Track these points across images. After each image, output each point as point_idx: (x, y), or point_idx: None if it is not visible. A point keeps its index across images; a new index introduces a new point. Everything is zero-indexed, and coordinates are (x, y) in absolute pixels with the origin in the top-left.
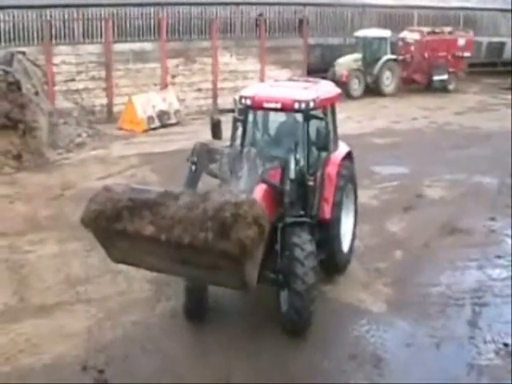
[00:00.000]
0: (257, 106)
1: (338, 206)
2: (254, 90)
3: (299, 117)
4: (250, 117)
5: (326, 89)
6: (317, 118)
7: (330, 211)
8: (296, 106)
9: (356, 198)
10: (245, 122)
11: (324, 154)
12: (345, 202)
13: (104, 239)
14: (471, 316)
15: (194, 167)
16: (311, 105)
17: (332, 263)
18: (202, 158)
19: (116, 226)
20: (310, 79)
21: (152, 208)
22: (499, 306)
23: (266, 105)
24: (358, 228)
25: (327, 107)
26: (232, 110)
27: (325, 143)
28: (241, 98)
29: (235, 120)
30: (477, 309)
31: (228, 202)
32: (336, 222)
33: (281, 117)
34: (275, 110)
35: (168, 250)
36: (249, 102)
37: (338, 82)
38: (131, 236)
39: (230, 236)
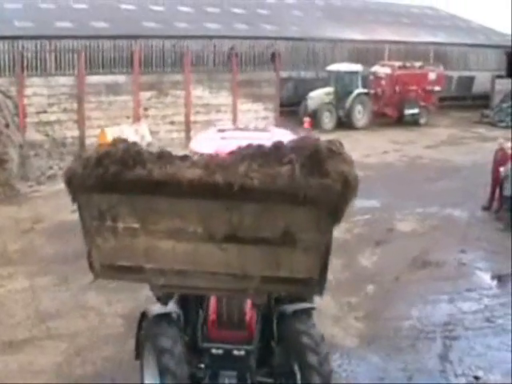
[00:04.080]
0: None
1: None
2: (204, 144)
3: None
4: None
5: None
6: None
7: None
8: None
9: None
10: None
11: None
12: None
13: (97, 207)
14: (442, 349)
15: None
16: None
17: None
18: None
19: (126, 173)
20: (260, 127)
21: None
22: (470, 339)
23: None
24: (330, 262)
25: None
26: None
27: None
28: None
29: None
30: (448, 342)
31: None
32: None
33: None
34: None
35: (216, 211)
36: None
37: (309, 116)
38: (150, 189)
39: (327, 170)
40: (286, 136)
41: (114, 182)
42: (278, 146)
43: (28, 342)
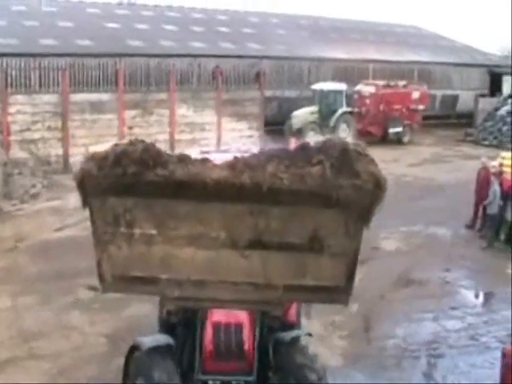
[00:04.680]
0: None
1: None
2: None
3: None
4: None
5: None
6: None
7: (296, 313)
8: None
9: None
10: None
11: None
12: None
13: (111, 211)
14: (427, 368)
15: None
16: None
17: None
18: None
19: (147, 173)
20: (244, 149)
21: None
22: (454, 357)
23: None
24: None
25: None
26: None
27: None
28: None
29: None
30: (432, 360)
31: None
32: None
33: None
34: None
35: (241, 215)
36: None
37: (294, 134)
38: (172, 191)
39: (357, 170)
40: None
41: (133, 183)
42: (304, 147)
43: (10, 362)
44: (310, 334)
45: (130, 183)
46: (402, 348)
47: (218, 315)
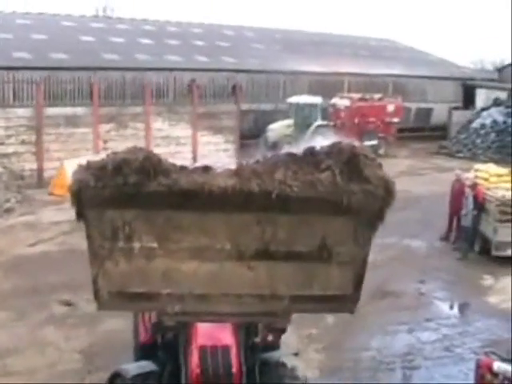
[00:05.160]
0: None
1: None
2: None
3: None
4: None
5: None
6: None
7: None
8: None
9: None
10: None
11: None
12: None
13: (109, 224)
14: (402, 380)
15: None
16: None
17: None
18: None
19: (149, 183)
20: (218, 165)
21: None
22: (429, 368)
23: None
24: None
25: None
26: None
27: None
28: None
29: None
30: (407, 372)
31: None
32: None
33: None
34: None
35: (247, 224)
36: None
37: (270, 147)
38: (176, 201)
39: (366, 175)
40: None
41: (135, 194)
42: (312, 152)
43: None
44: (296, 354)
45: (130, 194)
46: (377, 360)
47: (202, 338)
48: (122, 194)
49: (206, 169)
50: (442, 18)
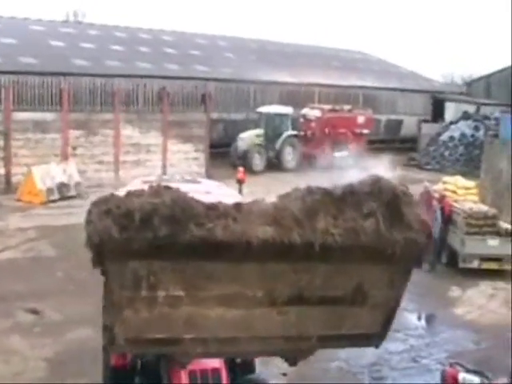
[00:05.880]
0: None
1: None
2: None
3: None
4: None
5: (225, 193)
6: None
7: None
8: None
9: None
10: None
11: None
12: None
13: (132, 275)
14: None
15: None
16: None
17: None
18: None
19: (182, 235)
20: (188, 178)
21: (239, 209)
22: (396, 379)
23: None
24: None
25: None
26: None
27: None
28: None
29: None
30: (374, 382)
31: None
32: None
33: None
34: None
35: (283, 273)
36: None
37: (240, 157)
38: (210, 253)
39: (409, 220)
40: (218, 188)
41: (164, 246)
42: (352, 191)
43: None
44: (284, 374)
45: (159, 246)
46: (344, 370)
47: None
48: (151, 247)
49: (238, 208)
50: (413, 31)
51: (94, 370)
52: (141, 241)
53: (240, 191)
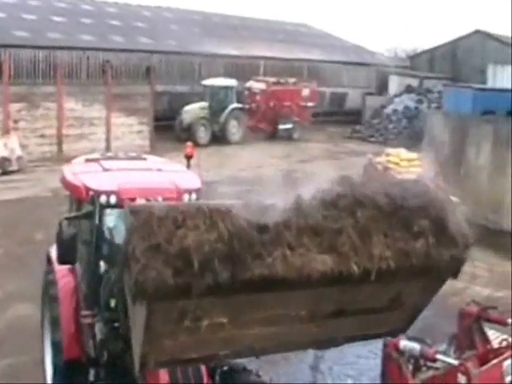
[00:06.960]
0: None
1: None
2: (92, 180)
3: None
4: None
5: (175, 169)
6: None
7: None
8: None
9: None
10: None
11: None
12: None
13: (178, 312)
14: (313, 360)
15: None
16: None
17: None
18: None
19: (242, 273)
20: (133, 155)
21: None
22: (341, 349)
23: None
24: None
25: None
26: None
27: None
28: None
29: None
30: (319, 353)
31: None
32: None
33: None
34: None
35: (328, 294)
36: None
37: (184, 130)
38: (268, 287)
39: (454, 236)
40: (164, 164)
41: (223, 287)
42: (400, 205)
43: None
44: (258, 376)
45: (220, 287)
46: None
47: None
48: (207, 289)
49: (288, 226)
50: (357, 5)
51: (37, 347)
52: (199, 286)
53: (188, 166)
